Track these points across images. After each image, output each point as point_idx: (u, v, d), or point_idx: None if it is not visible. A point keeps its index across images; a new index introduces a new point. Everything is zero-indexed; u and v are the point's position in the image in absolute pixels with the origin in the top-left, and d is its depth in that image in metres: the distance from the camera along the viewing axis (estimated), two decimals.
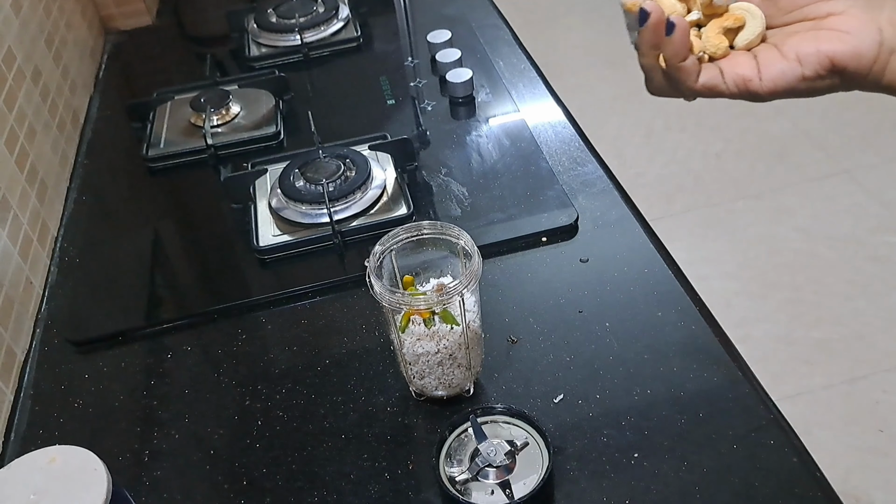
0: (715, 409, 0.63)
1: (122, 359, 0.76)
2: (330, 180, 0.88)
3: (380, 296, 0.59)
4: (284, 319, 0.78)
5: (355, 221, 0.86)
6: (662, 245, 0.80)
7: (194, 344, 0.77)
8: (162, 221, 0.94)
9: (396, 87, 1.10)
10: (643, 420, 0.63)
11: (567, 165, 0.92)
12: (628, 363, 0.68)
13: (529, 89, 1.06)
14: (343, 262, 0.84)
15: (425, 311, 0.61)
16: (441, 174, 0.92)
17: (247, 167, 0.96)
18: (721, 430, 0.62)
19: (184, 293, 0.85)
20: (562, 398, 0.66)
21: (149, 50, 1.31)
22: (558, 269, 0.79)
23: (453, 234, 0.62)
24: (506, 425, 0.63)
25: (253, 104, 1.09)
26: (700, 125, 2.31)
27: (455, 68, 1.05)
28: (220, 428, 0.68)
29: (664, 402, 0.64)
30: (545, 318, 0.73)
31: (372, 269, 0.60)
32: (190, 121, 1.07)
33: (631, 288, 0.75)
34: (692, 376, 0.66)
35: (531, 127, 0.98)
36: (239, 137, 1.03)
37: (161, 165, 1.02)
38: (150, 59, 1.29)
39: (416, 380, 0.65)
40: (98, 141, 1.09)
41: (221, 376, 0.73)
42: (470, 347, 0.63)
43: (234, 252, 0.88)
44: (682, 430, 0.62)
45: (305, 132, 1.00)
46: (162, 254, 0.89)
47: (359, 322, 0.76)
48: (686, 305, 0.72)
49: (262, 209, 0.90)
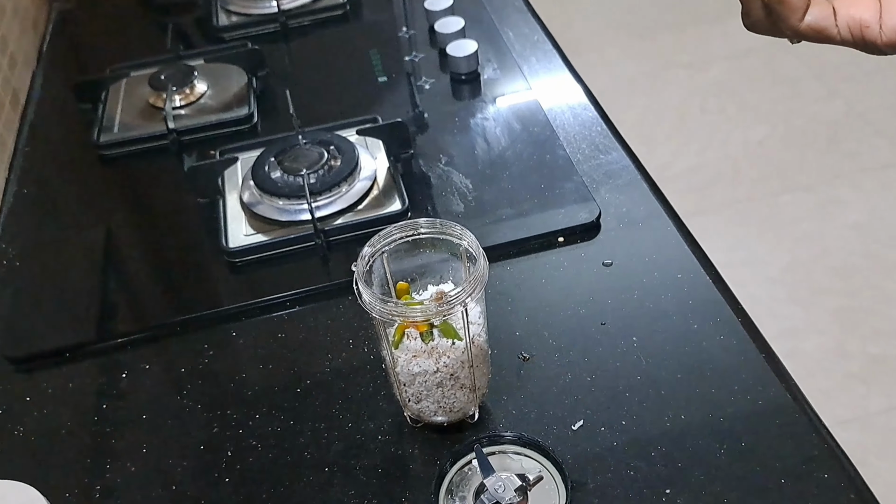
0: (760, 437, 0.63)
1: (69, 378, 0.76)
2: (311, 171, 0.88)
3: (369, 305, 0.58)
4: (259, 333, 0.78)
5: (341, 219, 0.86)
6: (698, 246, 0.79)
7: (154, 361, 0.76)
8: (116, 218, 0.94)
9: (389, 62, 1.10)
10: (676, 450, 0.63)
11: (587, 153, 0.91)
12: (659, 384, 0.68)
13: (544, 64, 1.06)
14: (327, 266, 0.84)
15: (422, 324, 0.60)
16: (441, 164, 0.92)
17: (214, 155, 0.96)
18: (767, 461, 0.61)
19: (142, 302, 0.85)
20: (581, 425, 0.65)
21: (100, 19, 1.31)
22: (577, 274, 0.78)
23: (455, 233, 0.62)
24: (516, 456, 0.62)
25: (222, 82, 1.09)
26: (741, 107, 2.31)
27: (457, 40, 1.05)
28: (183, 459, 0.68)
29: (701, 430, 0.64)
30: (562, 331, 0.73)
31: (360, 274, 0.59)
32: (148, 101, 1.07)
33: (661, 296, 0.75)
34: (733, 399, 0.66)
35: (546, 108, 0.98)
36: (205, 121, 1.03)
37: (115, 153, 1.02)
38: (101, 30, 1.29)
39: (412, 403, 0.65)
40: (42, 124, 1.09)
41: (185, 399, 0.72)
42: (474, 366, 0.63)
43: (200, 254, 0.87)
44: (722, 463, 0.62)
45: (283, 115, 1.00)
46: (116, 256, 0.89)
47: (345, 336, 0.76)
48: (726, 316, 0.72)
49: (233, 204, 0.89)
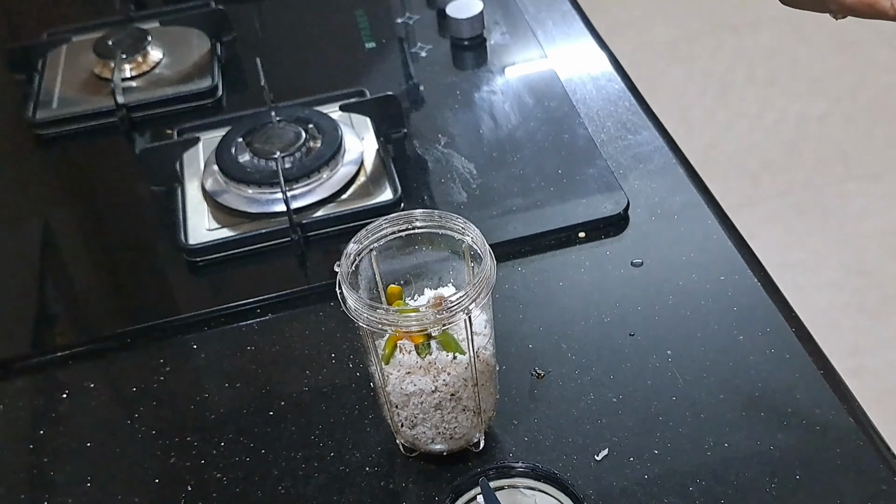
0: (818, 469, 0.63)
1: (0, 399, 0.76)
2: (286, 153, 0.88)
3: (355, 313, 0.59)
4: (224, 345, 0.78)
5: (321, 210, 0.86)
6: (745, 243, 0.80)
7: (100, 379, 0.76)
8: (55, 210, 0.94)
9: (378, 24, 1.10)
10: (718, 485, 0.63)
11: (613, 133, 0.91)
12: (698, 406, 0.68)
13: (561, 28, 1.06)
14: (305, 266, 0.84)
15: (418, 335, 0.60)
16: (440, 145, 0.92)
17: (172, 135, 0.96)
18: (826, 498, 0.61)
19: (86, 310, 0.85)
20: (606, 454, 0.65)
21: None
22: (601, 275, 0.78)
23: (456, 227, 0.62)
24: (529, 492, 0.63)
25: (180, 48, 1.09)
26: (796, 77, 2.31)
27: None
28: (134, 495, 0.68)
29: (747, 461, 0.64)
30: (583, 343, 0.73)
31: (344, 276, 0.60)
32: (93, 71, 1.07)
33: (701, 302, 0.75)
34: (786, 424, 0.66)
35: (564, 80, 0.98)
36: (161, 94, 1.03)
37: (54, 133, 1.02)
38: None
39: (406, 429, 0.65)
40: None
41: (137, 423, 0.72)
42: (479, 384, 0.63)
43: (154, 253, 0.88)
44: (772, 499, 0.62)
45: (253, 87, 1.00)
46: (56, 255, 0.89)
47: (326, 349, 0.76)
48: (777, 326, 0.72)
49: (193, 193, 0.90)
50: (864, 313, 1.78)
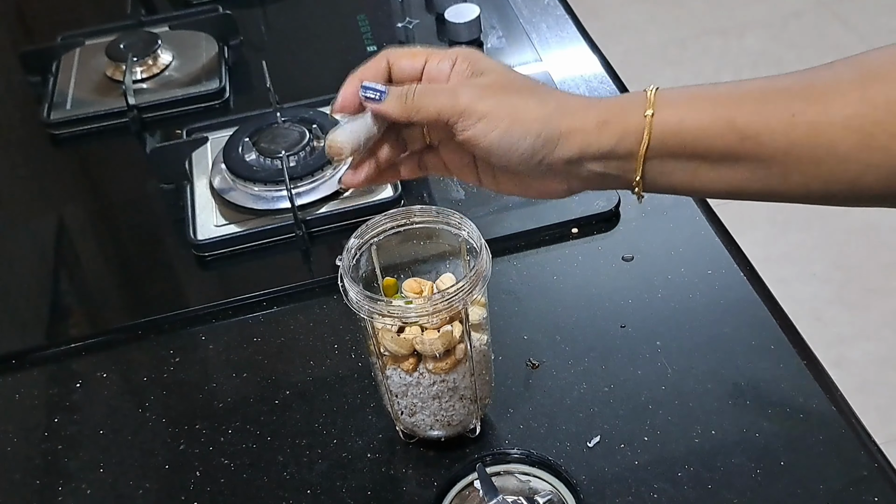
0: (801, 455, 0.63)
1: (16, 389, 0.76)
2: (291, 153, 0.88)
3: (356, 305, 0.59)
4: (231, 337, 0.78)
5: (325, 207, 0.86)
6: (731, 238, 0.80)
7: (112, 369, 0.77)
8: (69, 207, 0.94)
9: (379, 28, 1.10)
10: (706, 470, 0.63)
11: None
12: (686, 395, 0.68)
13: (555, 32, 1.06)
14: (308, 260, 0.84)
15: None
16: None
17: (181, 135, 0.96)
18: (809, 483, 0.61)
19: (98, 303, 0.85)
20: (598, 441, 0.66)
21: None
22: (594, 269, 0.78)
23: (454, 223, 0.62)
24: (524, 477, 0.63)
25: (189, 52, 1.09)
26: None
27: (457, 4, 1.05)
28: (145, 480, 0.68)
29: (734, 447, 0.64)
30: (576, 334, 0.73)
31: (346, 269, 0.60)
32: (106, 74, 1.07)
33: (689, 295, 0.75)
34: (770, 412, 0.66)
35: (558, 81, 0.98)
36: (170, 96, 1.03)
37: (67, 133, 1.02)
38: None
39: (405, 417, 0.65)
40: None
41: (148, 412, 0.72)
42: (476, 374, 0.63)
43: (164, 248, 0.88)
44: (758, 484, 0.62)
45: (259, 89, 1.00)
46: (69, 251, 0.89)
47: (329, 340, 0.76)
48: (762, 318, 0.72)
49: (202, 191, 0.89)
50: (845, 305, 1.78)
